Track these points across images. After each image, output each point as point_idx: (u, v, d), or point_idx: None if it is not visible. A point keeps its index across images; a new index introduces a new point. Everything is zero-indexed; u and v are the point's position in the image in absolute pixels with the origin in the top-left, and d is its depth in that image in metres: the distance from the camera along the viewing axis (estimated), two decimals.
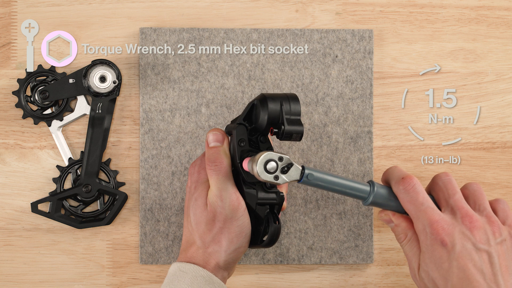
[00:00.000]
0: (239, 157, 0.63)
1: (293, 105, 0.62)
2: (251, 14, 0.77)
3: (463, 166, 0.78)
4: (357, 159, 0.76)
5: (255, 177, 0.61)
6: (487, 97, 0.78)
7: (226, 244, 0.64)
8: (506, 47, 0.79)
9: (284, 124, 0.61)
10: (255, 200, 0.63)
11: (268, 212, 0.64)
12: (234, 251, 0.64)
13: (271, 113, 0.62)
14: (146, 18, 0.76)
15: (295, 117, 0.62)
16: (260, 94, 0.64)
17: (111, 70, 0.74)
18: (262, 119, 0.62)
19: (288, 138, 0.62)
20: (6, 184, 0.75)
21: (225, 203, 0.64)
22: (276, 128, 0.62)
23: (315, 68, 0.76)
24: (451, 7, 0.78)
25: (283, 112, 0.62)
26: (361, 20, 0.78)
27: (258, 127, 0.63)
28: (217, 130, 0.66)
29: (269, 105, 0.62)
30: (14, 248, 0.75)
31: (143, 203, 0.75)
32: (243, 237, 0.64)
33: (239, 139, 0.63)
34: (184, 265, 0.64)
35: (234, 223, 0.64)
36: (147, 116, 0.75)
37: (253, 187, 0.64)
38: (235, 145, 0.64)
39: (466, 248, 0.58)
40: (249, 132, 0.64)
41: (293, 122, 0.62)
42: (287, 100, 0.62)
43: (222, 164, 0.64)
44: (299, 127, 0.61)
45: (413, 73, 0.78)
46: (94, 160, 0.74)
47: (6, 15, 0.76)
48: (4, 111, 0.76)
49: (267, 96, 0.62)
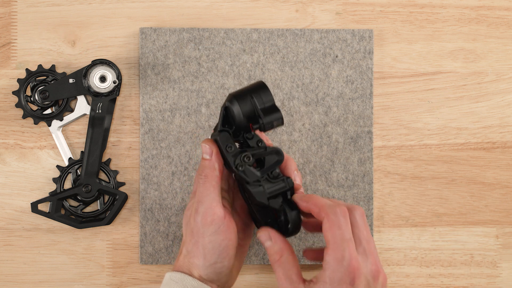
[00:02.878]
0: (233, 163, 0.63)
1: (263, 93, 0.62)
2: (251, 14, 0.77)
3: (463, 166, 0.78)
4: (357, 159, 0.76)
5: (255, 175, 0.62)
6: (487, 97, 0.78)
7: (201, 258, 0.63)
8: (506, 47, 0.79)
9: (261, 115, 0.61)
10: (265, 195, 0.63)
11: (282, 201, 0.63)
12: (210, 267, 0.63)
13: (245, 110, 0.62)
14: (146, 18, 0.76)
15: (269, 104, 0.62)
16: (228, 95, 0.64)
17: (111, 70, 0.74)
18: (238, 119, 0.62)
19: (271, 127, 0.62)
20: (6, 184, 0.75)
21: (198, 216, 0.63)
22: (255, 123, 0.62)
23: (315, 68, 0.76)
24: (451, 7, 0.78)
25: (256, 104, 0.62)
26: (361, 20, 0.78)
27: (238, 128, 0.63)
28: (206, 142, 0.65)
29: (239, 103, 0.62)
30: (14, 248, 0.75)
31: (143, 203, 0.75)
32: (216, 254, 0.63)
33: (225, 146, 0.63)
34: (175, 275, 0.64)
35: (206, 238, 0.63)
36: (147, 116, 0.75)
37: (259, 184, 0.63)
38: (224, 153, 0.63)
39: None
40: (233, 134, 0.64)
41: (268, 110, 0.62)
42: (256, 91, 0.62)
43: (207, 177, 0.64)
44: (276, 113, 0.62)
45: (413, 73, 0.78)
46: (94, 160, 0.74)
47: (6, 15, 0.76)
48: (4, 111, 0.76)
49: (234, 95, 0.62)
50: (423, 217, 0.77)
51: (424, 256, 0.77)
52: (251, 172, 0.62)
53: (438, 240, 0.77)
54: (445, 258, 0.77)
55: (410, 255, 0.77)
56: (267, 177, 0.63)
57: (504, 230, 0.78)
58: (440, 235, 0.77)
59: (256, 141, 0.64)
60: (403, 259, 0.77)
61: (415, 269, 0.77)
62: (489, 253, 0.78)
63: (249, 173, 0.62)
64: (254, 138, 0.64)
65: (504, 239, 0.78)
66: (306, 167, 0.76)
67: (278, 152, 0.63)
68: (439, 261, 0.77)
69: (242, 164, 0.62)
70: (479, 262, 0.78)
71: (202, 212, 0.63)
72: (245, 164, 0.62)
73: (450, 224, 0.78)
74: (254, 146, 0.64)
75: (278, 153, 0.63)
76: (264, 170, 0.63)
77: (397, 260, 0.77)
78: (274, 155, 0.63)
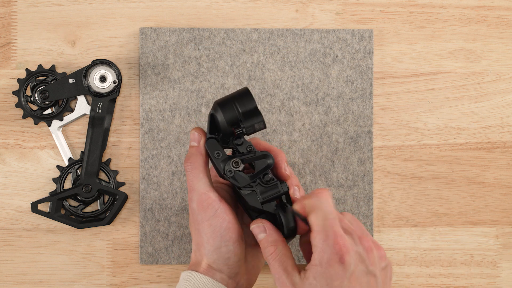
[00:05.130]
0: (222, 169, 0.63)
1: (246, 99, 0.63)
2: (251, 14, 0.77)
3: (463, 166, 0.78)
4: (357, 159, 0.76)
5: (246, 180, 0.62)
6: (487, 97, 0.78)
7: (205, 245, 0.63)
8: (506, 47, 0.79)
9: (241, 120, 0.62)
10: (258, 200, 0.63)
11: (276, 205, 0.63)
12: (216, 252, 0.63)
13: (228, 116, 0.63)
14: (146, 18, 0.76)
15: (250, 107, 0.63)
16: (214, 103, 0.64)
17: (111, 70, 0.74)
18: (223, 125, 0.63)
19: (253, 131, 0.63)
20: (6, 184, 0.75)
21: (193, 202, 0.63)
22: (237, 128, 0.63)
23: (315, 68, 0.76)
24: (451, 7, 0.78)
25: (238, 110, 0.62)
26: (361, 20, 0.78)
27: (224, 134, 0.64)
28: (195, 130, 0.65)
29: (222, 110, 0.63)
30: (14, 248, 0.75)
31: (143, 203, 0.75)
32: (219, 238, 0.63)
33: (214, 153, 0.64)
34: (186, 273, 0.64)
35: (205, 223, 0.63)
36: (147, 116, 0.75)
37: (251, 189, 0.63)
38: (213, 159, 0.64)
39: (359, 269, 0.58)
40: (222, 141, 0.64)
41: (249, 114, 0.63)
42: (238, 97, 0.63)
43: (195, 163, 0.64)
44: (256, 117, 0.63)
45: (413, 73, 0.78)
46: (94, 160, 0.74)
47: (6, 15, 0.76)
48: (4, 111, 0.76)
49: (219, 102, 0.63)
50: (423, 217, 0.77)
51: (424, 256, 0.77)
52: (241, 177, 0.62)
53: (438, 240, 0.77)
54: (445, 258, 0.77)
55: (410, 255, 0.77)
56: (260, 181, 0.63)
57: (504, 230, 0.78)
58: (440, 235, 0.77)
59: (246, 147, 0.64)
60: (403, 259, 0.77)
61: (415, 269, 0.77)
62: (489, 253, 0.78)
63: (240, 178, 0.63)
64: (244, 144, 0.64)
65: (504, 239, 0.78)
66: (306, 167, 0.76)
67: (267, 155, 0.63)
68: (439, 261, 0.77)
69: (231, 169, 0.63)
70: (479, 262, 0.77)
71: (197, 199, 0.63)
72: (234, 169, 0.63)
73: (450, 224, 0.78)
74: (244, 151, 0.64)
75: (267, 156, 0.63)
76: (254, 175, 0.63)
77: (397, 260, 0.77)
78: (263, 159, 0.63)
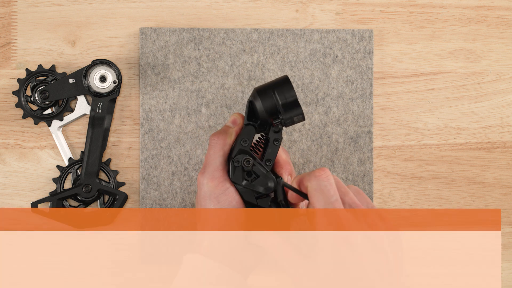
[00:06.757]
0: (235, 153, 0.63)
1: (285, 89, 0.61)
2: (251, 14, 0.77)
3: (463, 166, 0.78)
4: (357, 159, 0.76)
5: (240, 180, 0.62)
6: (487, 97, 0.78)
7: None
8: (506, 47, 0.79)
9: (281, 111, 0.61)
10: (252, 194, 0.63)
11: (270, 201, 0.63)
12: None
13: (267, 106, 0.61)
14: (146, 18, 0.76)
15: (290, 99, 0.61)
16: (253, 89, 0.63)
17: (111, 70, 0.74)
18: (261, 114, 0.62)
19: (291, 123, 0.62)
20: (6, 184, 0.75)
21: (204, 177, 0.63)
22: (275, 119, 0.62)
23: (315, 68, 0.76)
24: (451, 7, 0.78)
25: (278, 100, 0.61)
26: (361, 20, 0.78)
27: (262, 123, 0.63)
28: (237, 114, 0.65)
29: (261, 99, 0.61)
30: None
31: (143, 203, 0.75)
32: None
33: (242, 139, 0.63)
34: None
35: (213, 198, 0.63)
36: (147, 116, 0.75)
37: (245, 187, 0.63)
38: (236, 142, 0.63)
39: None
40: (258, 128, 0.63)
41: (289, 106, 0.61)
42: (278, 86, 0.62)
43: (221, 140, 0.64)
44: (296, 109, 0.61)
45: (413, 73, 0.78)
46: (94, 160, 0.74)
47: (6, 15, 0.76)
48: (4, 111, 0.76)
49: (258, 90, 0.62)
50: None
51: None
52: (239, 176, 0.62)
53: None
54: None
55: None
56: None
57: (504, 230, 0.78)
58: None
59: (273, 139, 0.63)
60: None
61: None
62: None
63: (238, 174, 0.62)
64: (272, 136, 0.63)
65: (504, 239, 0.78)
66: (306, 167, 0.76)
67: (270, 183, 0.62)
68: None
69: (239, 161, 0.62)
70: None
71: (211, 174, 0.63)
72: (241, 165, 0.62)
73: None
74: (271, 144, 0.63)
75: (268, 186, 0.62)
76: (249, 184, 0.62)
77: None
78: (265, 181, 0.62)
